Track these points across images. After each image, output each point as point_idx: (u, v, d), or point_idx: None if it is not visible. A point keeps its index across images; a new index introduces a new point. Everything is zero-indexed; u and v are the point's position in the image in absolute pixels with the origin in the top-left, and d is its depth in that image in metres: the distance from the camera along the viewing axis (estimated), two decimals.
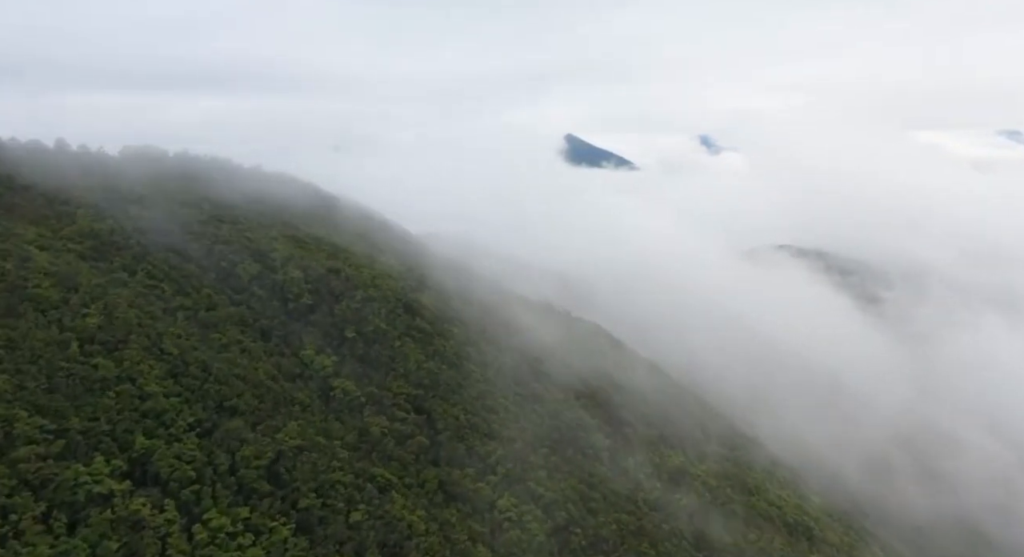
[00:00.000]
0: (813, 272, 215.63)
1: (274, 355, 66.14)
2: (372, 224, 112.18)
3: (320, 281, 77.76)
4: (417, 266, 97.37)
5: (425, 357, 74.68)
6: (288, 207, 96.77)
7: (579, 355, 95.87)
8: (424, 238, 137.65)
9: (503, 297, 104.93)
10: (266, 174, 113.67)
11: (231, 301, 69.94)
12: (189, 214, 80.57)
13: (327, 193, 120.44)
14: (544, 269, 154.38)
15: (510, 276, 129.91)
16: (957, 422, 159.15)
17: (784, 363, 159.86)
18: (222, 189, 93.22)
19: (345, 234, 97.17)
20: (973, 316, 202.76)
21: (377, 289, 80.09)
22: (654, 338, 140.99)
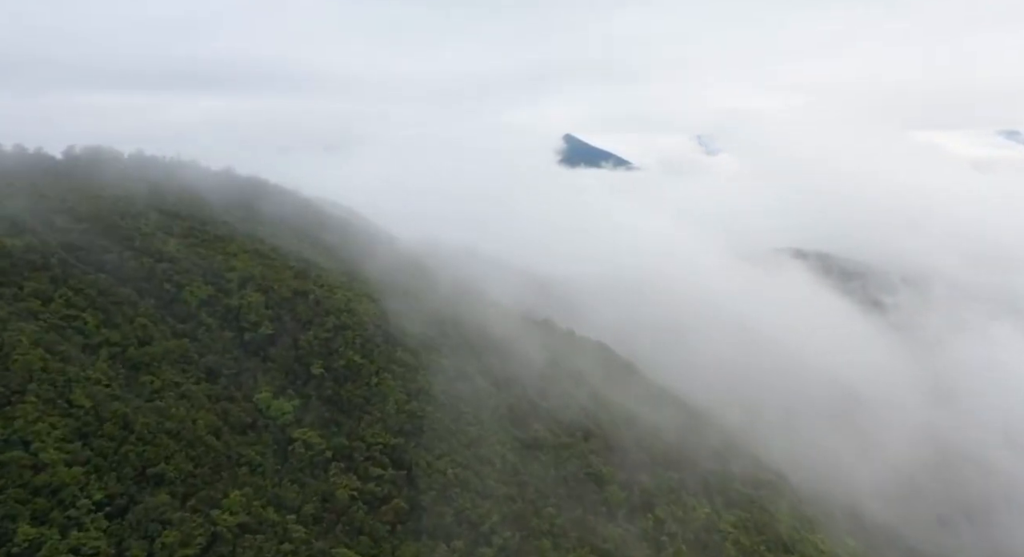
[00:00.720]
0: (816, 276, 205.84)
1: (221, 400, 54.29)
2: (356, 234, 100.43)
3: (284, 306, 65.92)
4: (403, 283, 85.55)
5: (407, 396, 62.83)
6: (255, 216, 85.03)
7: (586, 385, 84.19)
8: (416, 245, 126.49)
9: (500, 316, 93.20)
10: (237, 178, 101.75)
11: (172, 333, 58.08)
12: (131, 226, 68.67)
13: (306, 199, 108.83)
14: (542, 278, 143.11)
15: (508, 288, 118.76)
16: (975, 437, 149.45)
17: (793, 373, 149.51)
18: (179, 196, 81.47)
19: (321, 247, 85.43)
20: (980, 322, 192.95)
21: (352, 314, 68.24)
22: (656, 347, 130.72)
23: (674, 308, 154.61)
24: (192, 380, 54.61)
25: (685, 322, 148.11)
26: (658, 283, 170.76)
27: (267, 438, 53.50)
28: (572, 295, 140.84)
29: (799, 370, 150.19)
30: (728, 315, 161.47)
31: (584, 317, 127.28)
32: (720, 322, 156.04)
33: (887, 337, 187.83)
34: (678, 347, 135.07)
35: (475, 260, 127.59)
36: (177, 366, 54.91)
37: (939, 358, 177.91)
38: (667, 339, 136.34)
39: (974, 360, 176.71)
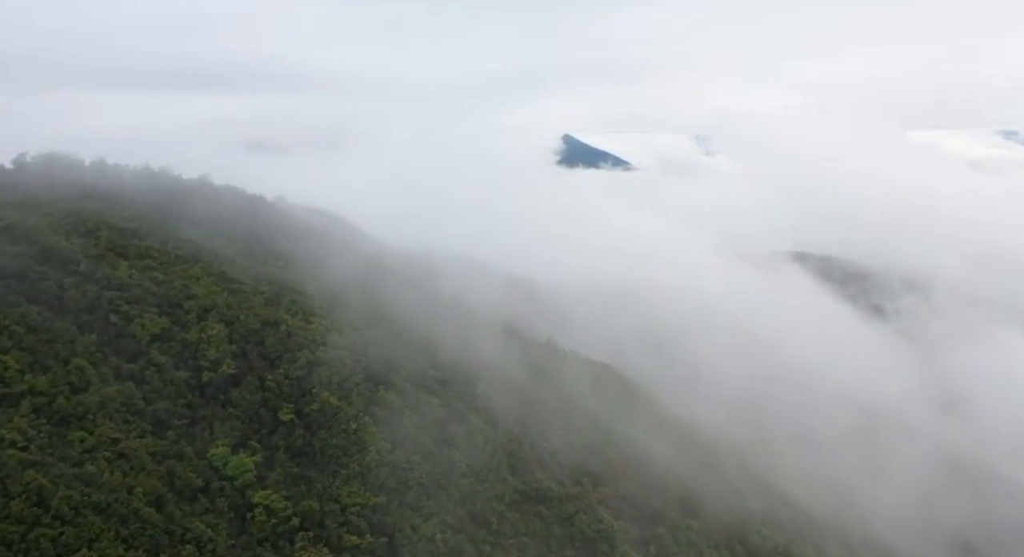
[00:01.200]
0: (817, 280, 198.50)
1: (168, 459, 45.99)
2: (341, 250, 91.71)
3: (251, 339, 57.54)
4: (390, 305, 77.11)
5: (391, 445, 54.49)
6: (227, 232, 76.53)
7: (592, 416, 75.98)
8: (406, 257, 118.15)
9: (497, 337, 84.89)
10: (211, 189, 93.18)
11: (115, 375, 49.76)
12: (78, 247, 60.29)
13: (289, 211, 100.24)
14: (541, 288, 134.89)
15: (505, 302, 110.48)
16: (991, 454, 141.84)
17: (799, 384, 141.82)
18: (139, 211, 73.11)
19: (301, 266, 76.81)
20: (987, 328, 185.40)
21: (330, 347, 59.86)
22: (657, 359, 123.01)
23: (674, 316, 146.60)
24: (135, 434, 46.31)
25: (686, 331, 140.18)
26: (657, 289, 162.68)
27: (221, 505, 45.17)
28: (570, 305, 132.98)
29: (805, 381, 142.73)
30: (730, 323, 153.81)
31: (582, 328, 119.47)
32: (722, 330, 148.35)
33: (892, 345, 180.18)
34: (679, 358, 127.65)
35: (470, 270, 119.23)
36: (117, 417, 46.61)
37: (946, 367, 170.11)
38: (668, 349, 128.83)
39: (983, 369, 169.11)
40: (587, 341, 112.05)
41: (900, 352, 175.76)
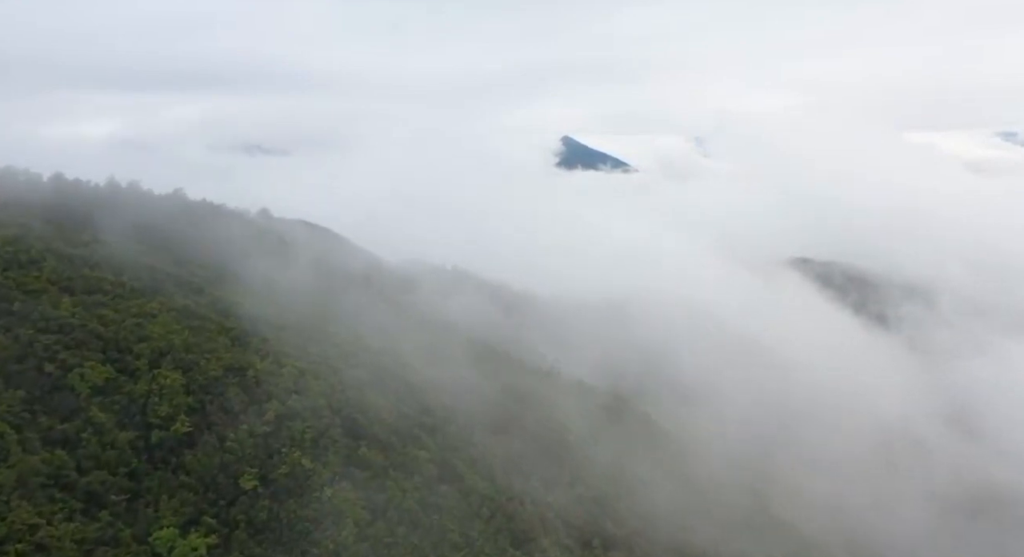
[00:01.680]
0: (818, 287, 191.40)
1: (101, 546, 38.37)
2: (325, 270, 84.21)
3: (211, 389, 49.88)
4: (376, 337, 69.54)
5: (371, 515, 46.90)
6: (194, 258, 68.85)
7: (602, 464, 68.45)
8: (396, 271, 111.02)
9: (496, 369, 77.40)
10: (185, 205, 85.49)
11: (42, 441, 42.11)
12: (15, 281, 52.57)
13: (268, 227, 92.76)
14: (539, 302, 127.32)
15: (503, 321, 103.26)
16: (1010, 476, 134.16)
17: (811, 399, 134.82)
18: (94, 235, 65.41)
19: (276, 297, 69.14)
20: (993, 339, 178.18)
21: (303, 396, 52.27)
22: (659, 375, 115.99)
23: (676, 329, 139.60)
24: (61, 516, 38.64)
25: (687, 344, 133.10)
26: (658, 300, 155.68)
27: None
28: (567, 318, 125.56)
29: (812, 397, 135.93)
30: (732, 336, 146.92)
31: (580, 343, 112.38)
32: (724, 344, 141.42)
33: (899, 358, 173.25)
34: (681, 374, 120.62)
35: (462, 284, 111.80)
36: (40, 496, 38.95)
37: (954, 379, 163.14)
38: (670, 364, 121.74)
39: (992, 382, 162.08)
40: (586, 358, 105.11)
41: (907, 364, 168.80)
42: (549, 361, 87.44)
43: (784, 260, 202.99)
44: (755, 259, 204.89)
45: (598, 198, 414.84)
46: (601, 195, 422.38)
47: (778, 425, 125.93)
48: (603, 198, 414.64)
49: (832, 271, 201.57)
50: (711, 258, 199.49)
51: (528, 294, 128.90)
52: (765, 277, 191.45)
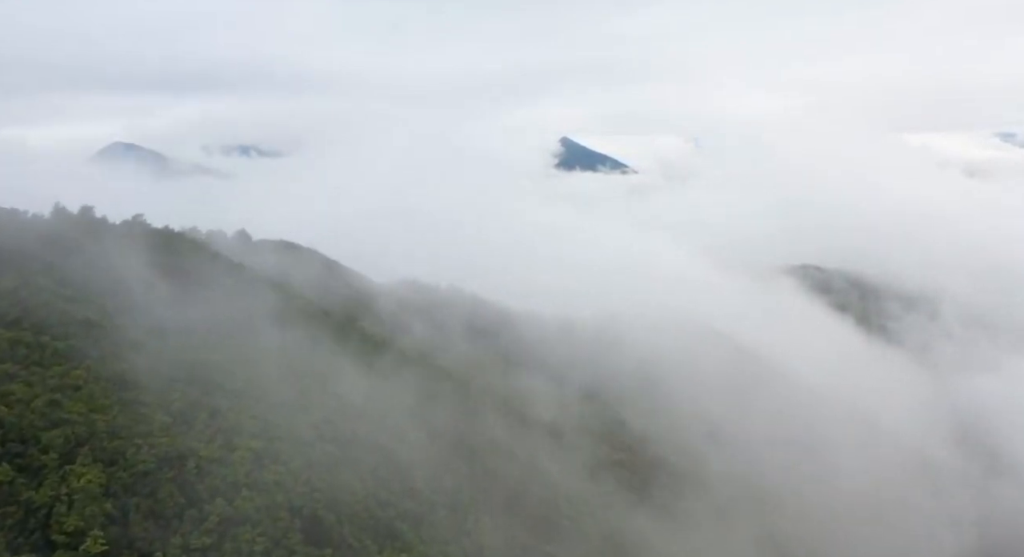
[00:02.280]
0: (820, 297, 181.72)
1: None
2: (307, 307, 73.87)
3: (139, 487, 39.87)
4: (357, 397, 59.46)
5: None
6: (148, 303, 58.78)
7: (610, 546, 58.57)
8: (389, 294, 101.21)
9: (500, 425, 67.45)
10: (144, 234, 74.96)
11: None
12: None
13: (243, 251, 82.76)
14: (538, 323, 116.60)
15: (488, 357, 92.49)
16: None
17: (824, 419, 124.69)
18: (28, 276, 55.41)
19: (243, 348, 58.99)
20: (1001, 355, 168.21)
21: (257, 491, 42.39)
22: (654, 395, 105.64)
23: (673, 346, 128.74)
24: None
25: (684, 362, 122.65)
26: (655, 315, 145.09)
27: None
28: (561, 336, 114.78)
29: (820, 418, 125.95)
30: (732, 350, 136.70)
31: (572, 363, 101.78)
32: (724, 359, 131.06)
33: (907, 373, 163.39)
34: (679, 397, 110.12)
35: (456, 311, 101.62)
36: None
37: (965, 398, 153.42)
38: (666, 385, 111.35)
39: (1001, 401, 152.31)
40: (577, 379, 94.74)
41: (914, 380, 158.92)
42: (555, 420, 76.87)
43: (783, 267, 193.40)
44: (754, 267, 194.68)
45: (595, 203, 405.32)
46: (598, 199, 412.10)
47: (787, 451, 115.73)
48: (600, 203, 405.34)
49: (833, 279, 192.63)
50: (709, 267, 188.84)
51: (525, 313, 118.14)
52: (765, 286, 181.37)
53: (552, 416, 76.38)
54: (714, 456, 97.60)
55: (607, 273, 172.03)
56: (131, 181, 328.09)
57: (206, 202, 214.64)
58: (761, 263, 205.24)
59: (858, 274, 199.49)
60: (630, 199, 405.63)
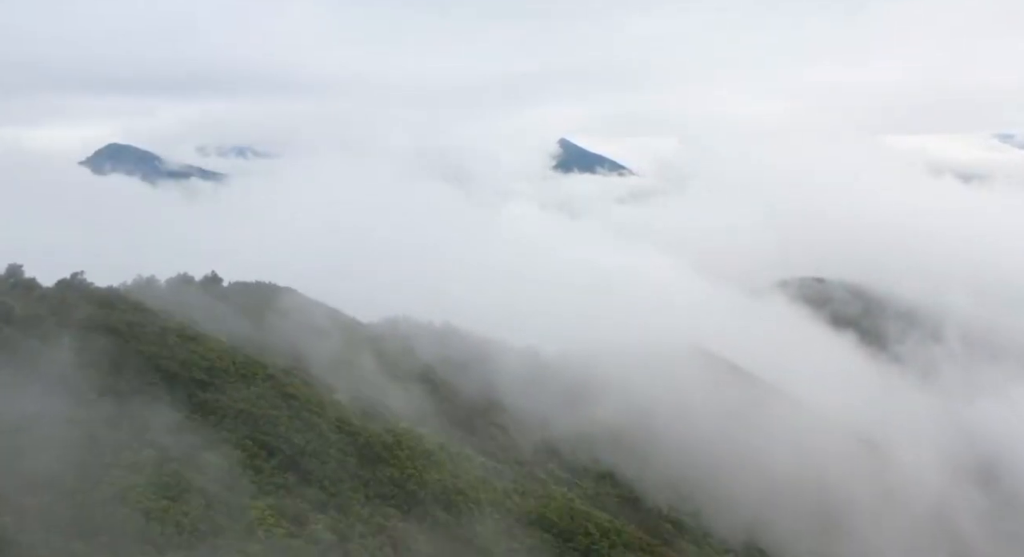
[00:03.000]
0: (816, 312, 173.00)
1: None
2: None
3: None
4: None
5: None
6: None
7: None
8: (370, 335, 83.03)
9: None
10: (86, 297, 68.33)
11: None
12: None
13: (208, 307, 67.65)
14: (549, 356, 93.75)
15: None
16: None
17: (834, 452, 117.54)
18: None
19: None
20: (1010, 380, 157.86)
21: None
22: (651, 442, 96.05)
23: (664, 372, 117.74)
24: None
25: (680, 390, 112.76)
26: (645, 339, 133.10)
27: None
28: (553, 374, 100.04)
29: (828, 450, 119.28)
30: (735, 380, 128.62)
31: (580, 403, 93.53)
32: (723, 384, 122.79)
33: (914, 399, 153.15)
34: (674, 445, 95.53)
35: (450, 351, 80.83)
36: None
37: (973, 425, 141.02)
38: (661, 429, 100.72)
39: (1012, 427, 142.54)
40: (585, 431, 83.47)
41: (921, 405, 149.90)
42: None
43: (781, 281, 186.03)
44: (752, 280, 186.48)
45: (591, 206, 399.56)
46: (594, 203, 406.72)
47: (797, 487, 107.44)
48: (596, 206, 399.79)
49: (833, 292, 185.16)
50: (705, 282, 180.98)
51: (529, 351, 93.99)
52: (764, 303, 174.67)
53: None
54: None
55: (598, 293, 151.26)
56: (122, 185, 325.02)
57: (186, 221, 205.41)
58: (759, 275, 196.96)
59: (857, 286, 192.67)
60: (626, 204, 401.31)
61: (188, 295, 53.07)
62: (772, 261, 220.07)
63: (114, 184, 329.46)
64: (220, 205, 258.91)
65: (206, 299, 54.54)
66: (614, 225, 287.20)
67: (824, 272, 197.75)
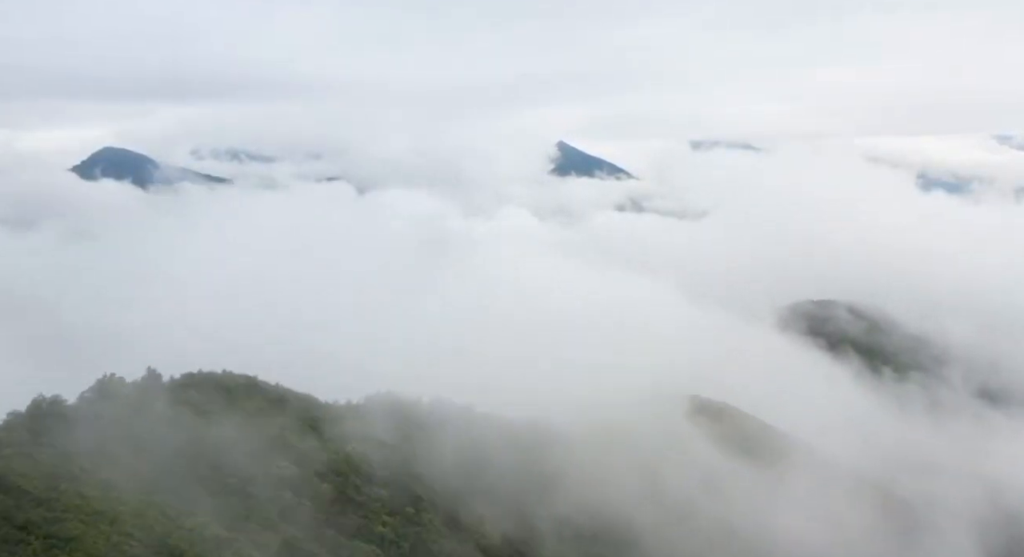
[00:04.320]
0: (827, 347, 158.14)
1: None
2: None
3: None
4: None
5: None
6: None
7: None
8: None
9: None
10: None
11: None
12: None
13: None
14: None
15: None
16: None
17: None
18: None
19: None
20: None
21: None
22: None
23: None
24: None
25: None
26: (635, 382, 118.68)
27: None
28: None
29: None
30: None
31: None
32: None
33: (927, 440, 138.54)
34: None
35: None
36: None
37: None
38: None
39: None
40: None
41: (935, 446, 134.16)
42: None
43: (783, 307, 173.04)
44: (747, 306, 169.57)
45: (586, 212, 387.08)
46: (591, 210, 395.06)
47: None
48: (591, 212, 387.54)
49: (835, 316, 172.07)
50: (700, 309, 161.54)
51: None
52: (760, 331, 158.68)
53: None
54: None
55: (586, 331, 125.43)
56: (110, 193, 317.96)
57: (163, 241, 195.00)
58: (755, 300, 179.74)
59: (860, 308, 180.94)
60: (624, 211, 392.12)
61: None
62: (769, 283, 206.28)
63: (100, 191, 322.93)
64: (198, 224, 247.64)
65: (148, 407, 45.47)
66: (609, 237, 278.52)
67: (824, 293, 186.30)
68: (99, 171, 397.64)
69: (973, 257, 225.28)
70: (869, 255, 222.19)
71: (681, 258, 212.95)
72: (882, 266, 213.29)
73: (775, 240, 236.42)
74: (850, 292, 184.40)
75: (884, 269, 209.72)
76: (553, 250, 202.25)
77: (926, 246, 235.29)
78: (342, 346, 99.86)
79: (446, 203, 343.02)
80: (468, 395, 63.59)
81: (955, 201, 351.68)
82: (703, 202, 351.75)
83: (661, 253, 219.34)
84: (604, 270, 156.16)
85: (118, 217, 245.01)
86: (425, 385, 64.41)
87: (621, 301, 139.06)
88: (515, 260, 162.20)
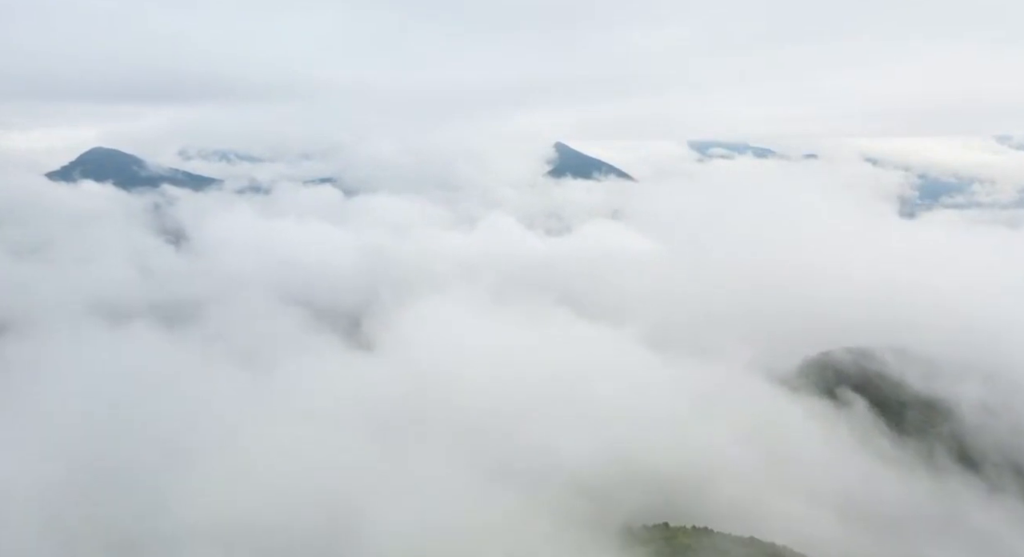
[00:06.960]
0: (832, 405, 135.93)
1: None
2: None
3: None
4: None
5: None
6: None
7: None
8: None
9: None
10: None
11: None
12: None
13: None
14: None
15: None
16: None
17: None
18: None
19: None
20: None
21: None
22: None
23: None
24: None
25: None
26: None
27: None
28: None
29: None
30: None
31: None
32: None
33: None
34: None
35: None
36: None
37: None
38: None
39: None
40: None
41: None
42: None
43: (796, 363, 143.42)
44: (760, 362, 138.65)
45: (580, 217, 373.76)
46: (583, 214, 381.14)
47: None
48: (583, 216, 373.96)
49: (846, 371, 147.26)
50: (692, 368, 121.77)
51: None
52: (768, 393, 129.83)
53: None
54: None
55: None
56: (91, 196, 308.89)
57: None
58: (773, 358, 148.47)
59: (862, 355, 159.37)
60: (619, 219, 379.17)
61: None
62: (762, 334, 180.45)
63: (76, 194, 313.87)
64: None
65: None
66: (600, 247, 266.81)
67: (827, 344, 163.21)
68: (79, 172, 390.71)
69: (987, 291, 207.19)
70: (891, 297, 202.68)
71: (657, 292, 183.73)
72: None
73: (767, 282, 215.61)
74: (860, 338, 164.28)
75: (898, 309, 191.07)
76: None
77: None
78: None
79: (436, 208, 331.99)
80: None
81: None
82: (698, 210, 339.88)
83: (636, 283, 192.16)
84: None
85: (89, 224, 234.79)
86: None
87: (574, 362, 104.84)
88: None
